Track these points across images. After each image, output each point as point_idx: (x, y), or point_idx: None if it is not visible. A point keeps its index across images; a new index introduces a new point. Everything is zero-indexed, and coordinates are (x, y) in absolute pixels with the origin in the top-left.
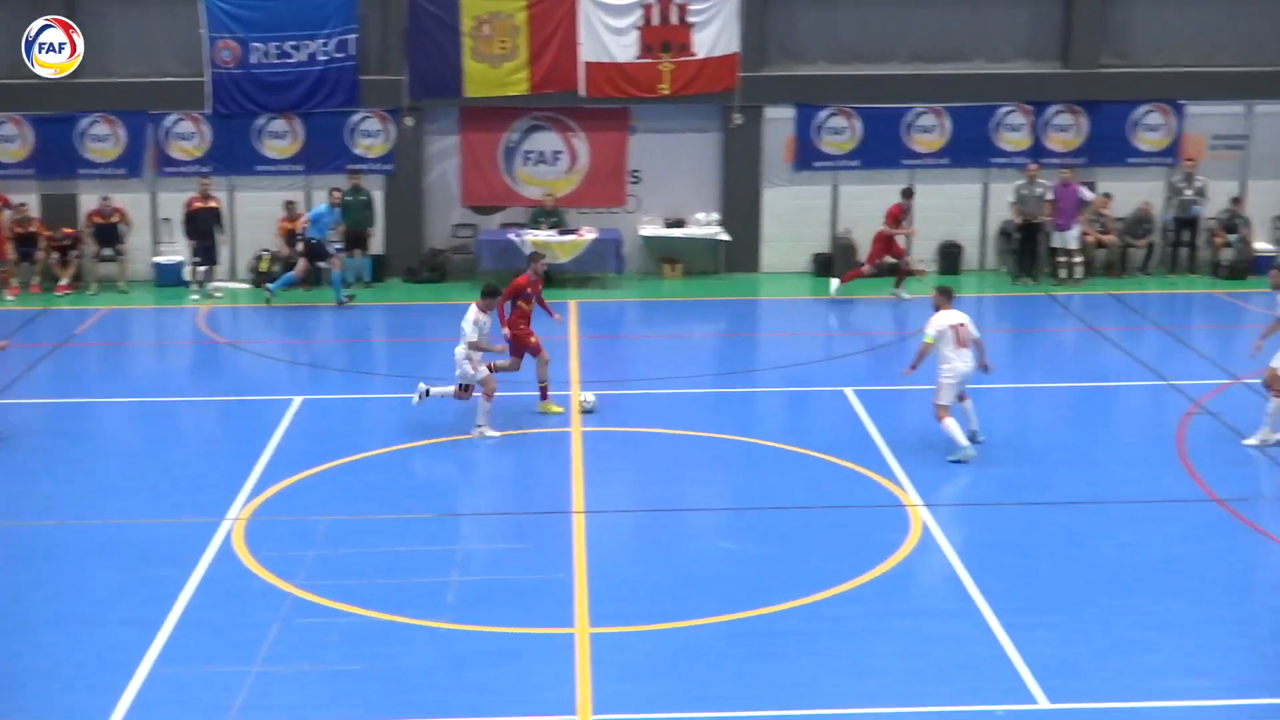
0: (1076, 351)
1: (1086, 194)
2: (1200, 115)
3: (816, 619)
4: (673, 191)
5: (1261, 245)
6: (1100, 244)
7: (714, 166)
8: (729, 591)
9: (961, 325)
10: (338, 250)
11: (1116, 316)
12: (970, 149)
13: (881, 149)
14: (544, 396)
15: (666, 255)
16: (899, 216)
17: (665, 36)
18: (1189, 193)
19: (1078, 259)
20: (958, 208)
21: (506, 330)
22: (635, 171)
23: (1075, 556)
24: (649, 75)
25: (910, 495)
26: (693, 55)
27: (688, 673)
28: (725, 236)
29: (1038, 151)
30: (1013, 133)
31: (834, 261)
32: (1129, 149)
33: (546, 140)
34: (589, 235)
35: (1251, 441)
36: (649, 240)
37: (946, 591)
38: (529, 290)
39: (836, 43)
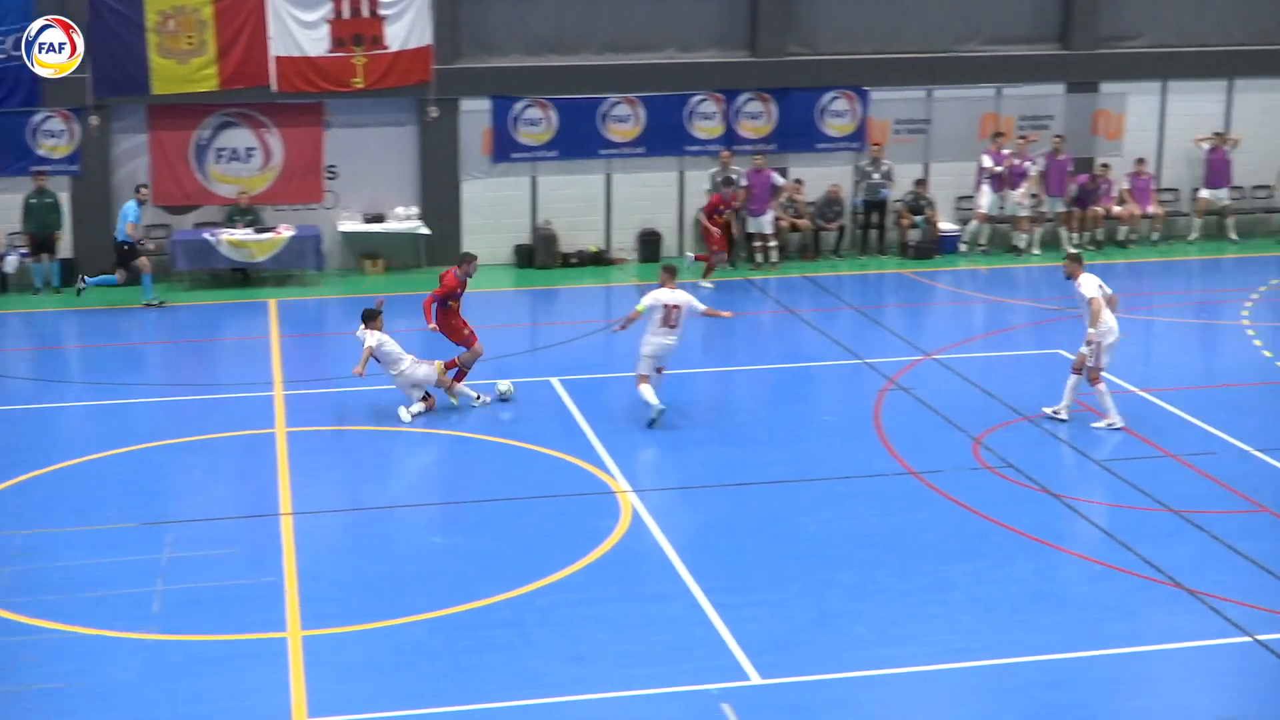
0: (775, 334)
1: (779, 180)
2: (883, 101)
3: (531, 609)
4: (371, 186)
5: (946, 225)
6: (794, 228)
7: (412, 160)
8: (442, 586)
9: (675, 307)
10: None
11: (812, 298)
12: (665, 137)
13: (578, 139)
14: (458, 379)
15: (367, 251)
16: (718, 206)
17: (357, 29)
18: (876, 176)
19: (773, 243)
20: (655, 196)
21: (434, 327)
22: (331, 167)
23: (781, 534)
24: (342, 69)
25: (619, 482)
26: (385, 48)
27: (405, 670)
28: (426, 230)
29: (730, 139)
30: (706, 121)
31: (535, 252)
32: (818, 135)
33: (239, 137)
34: (286, 233)
35: (1049, 410)
36: (349, 236)
37: (658, 575)
38: (459, 290)
39: (530, 34)
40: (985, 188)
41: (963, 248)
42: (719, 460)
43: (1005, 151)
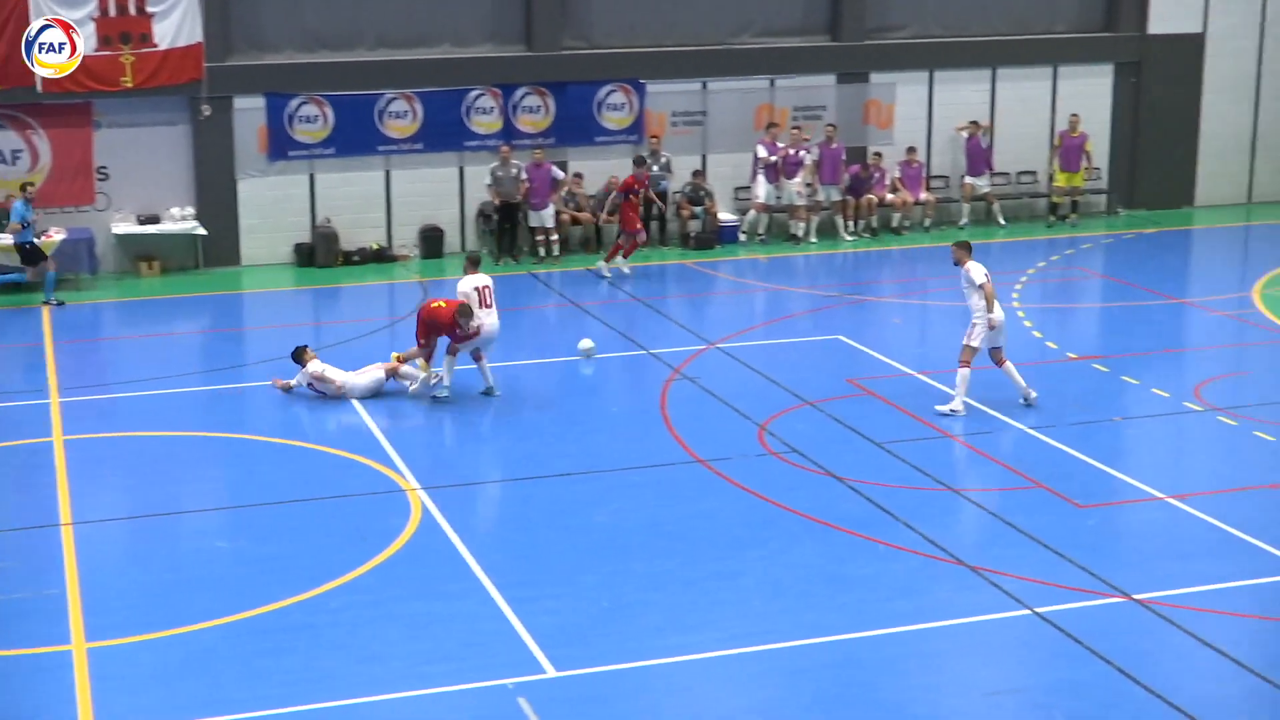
0: (560, 326)
1: (559, 173)
2: (660, 93)
3: (322, 611)
4: (145, 187)
5: (725, 215)
6: (575, 221)
7: (186, 160)
8: (231, 592)
9: (486, 287)
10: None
11: (594, 290)
12: (443, 133)
13: (356, 136)
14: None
15: (142, 253)
16: (633, 187)
17: (124, 28)
18: (655, 169)
19: (555, 237)
20: (436, 192)
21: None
22: (103, 168)
23: (572, 526)
24: (110, 68)
25: (408, 479)
26: (155, 46)
27: (195, 677)
28: (202, 231)
29: (509, 133)
30: (484, 116)
31: (315, 251)
32: (596, 128)
33: (4, 139)
34: (58, 236)
35: (943, 409)
36: (122, 238)
37: (450, 572)
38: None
39: (303, 30)
40: (760, 178)
41: (742, 237)
42: (508, 454)
43: (780, 143)
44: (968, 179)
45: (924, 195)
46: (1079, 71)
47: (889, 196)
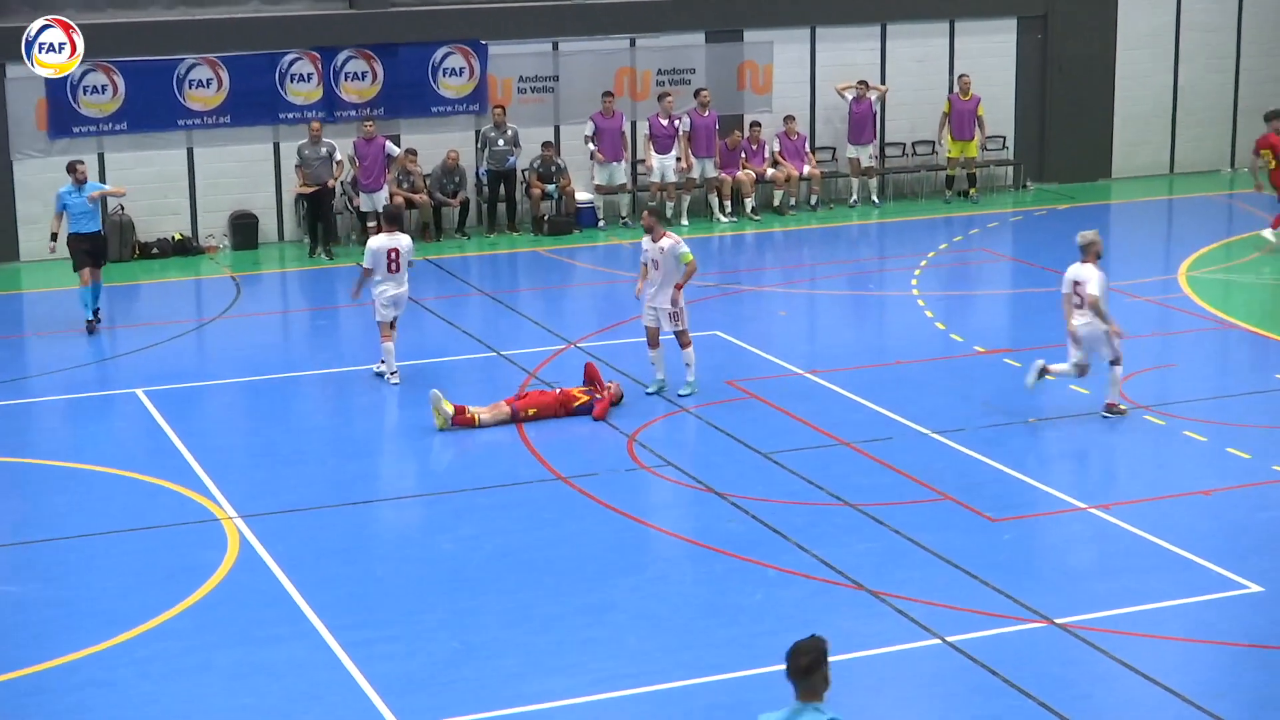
0: (406, 328)
1: (393, 149)
2: (504, 56)
3: (126, 663)
4: None
5: (584, 195)
6: (410, 204)
7: None
8: (14, 645)
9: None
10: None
11: (437, 285)
12: (254, 104)
13: (151, 108)
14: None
15: None
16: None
17: None
18: (501, 143)
19: None
20: (247, 172)
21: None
22: None
23: (414, 557)
24: None
25: (224, 507)
26: None
27: None
28: None
29: (331, 104)
30: (301, 84)
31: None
32: (432, 96)
33: None
34: None
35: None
36: None
37: (275, 613)
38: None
39: None
40: (593, 153)
41: (602, 222)
42: (338, 475)
43: (608, 114)
44: (850, 150)
45: (808, 169)
46: (979, 27)
47: (769, 172)
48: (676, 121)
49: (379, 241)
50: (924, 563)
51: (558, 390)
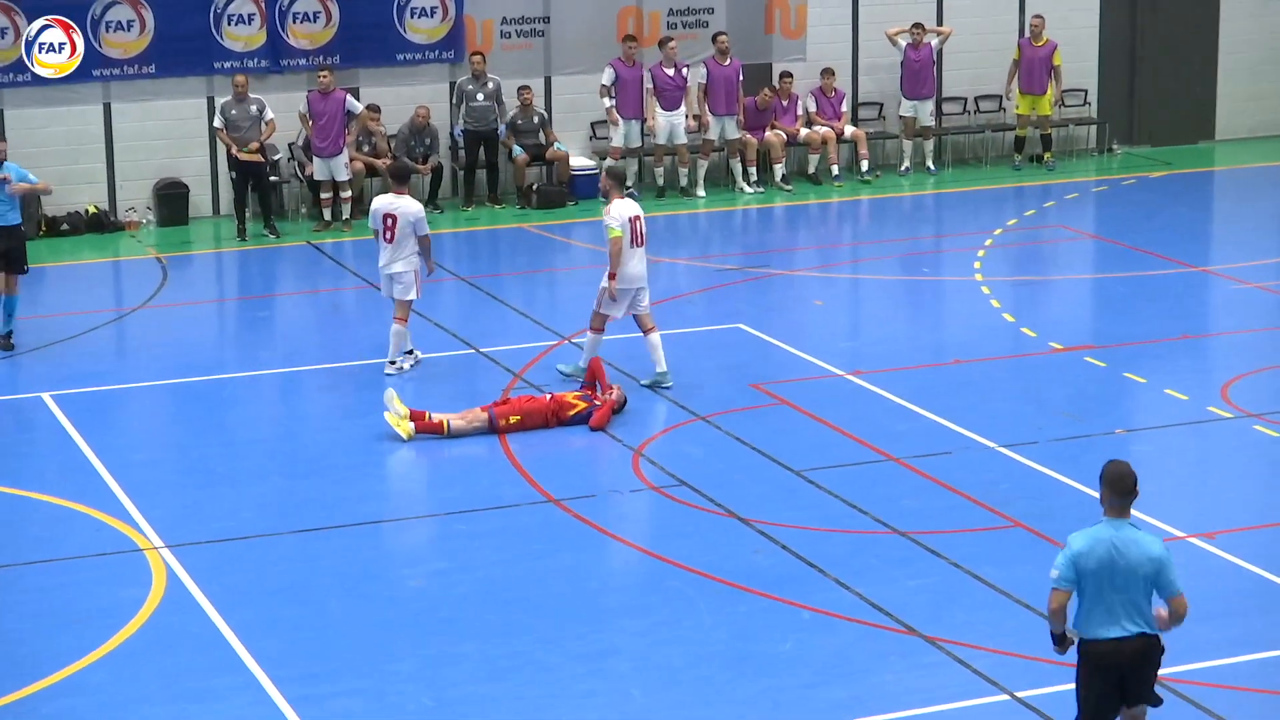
0: (357, 321)
1: (355, 105)
2: None
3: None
4: None
5: (580, 162)
6: (372, 170)
7: None
8: None
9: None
10: None
11: None
12: (184, 51)
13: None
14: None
15: None
16: None
17: None
18: (481, 98)
19: (346, 194)
20: (176, 133)
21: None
22: None
23: (376, 595)
24: None
25: (148, 535)
26: None
27: None
28: None
29: (276, 50)
30: (241, 27)
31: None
32: (397, 41)
33: None
34: None
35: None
36: None
37: (209, 661)
38: None
39: None
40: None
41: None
42: (285, 497)
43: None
44: (905, 107)
45: (849, 130)
46: None
47: (802, 133)
48: (685, 70)
49: (379, 202)
50: (989, 603)
51: (548, 396)
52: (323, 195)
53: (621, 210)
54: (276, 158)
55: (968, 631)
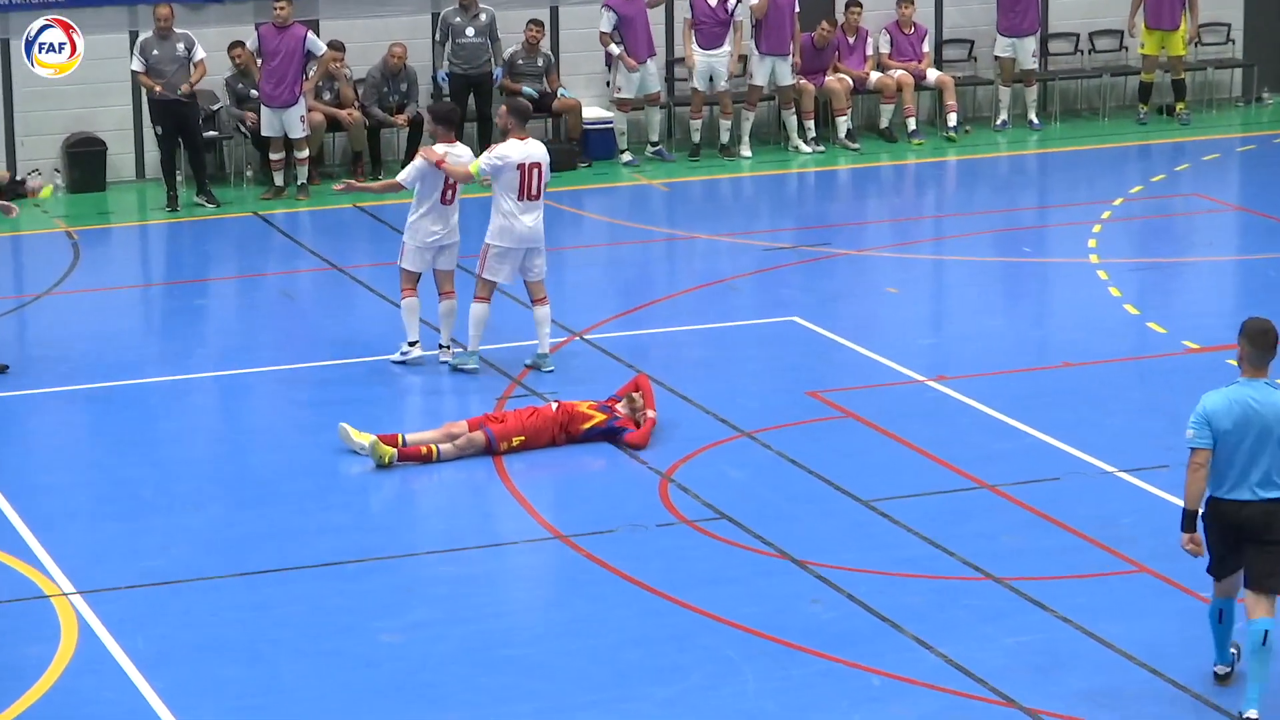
0: (316, 312)
1: (317, 44)
2: None
3: None
4: None
5: (594, 113)
6: (335, 125)
7: None
8: None
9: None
10: None
11: (373, 246)
12: None
13: None
14: None
15: None
16: None
17: None
18: (471, 32)
19: (304, 153)
20: (91, 77)
21: None
22: None
23: (343, 652)
24: None
25: (57, 579)
26: None
27: None
28: None
29: None
30: None
31: None
32: None
33: None
34: None
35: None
36: None
37: None
38: None
39: None
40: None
41: (627, 154)
42: (226, 531)
43: None
44: (1001, 45)
45: (932, 75)
46: None
47: (872, 78)
48: (731, 1)
49: (515, 149)
50: (1106, 665)
51: (554, 404)
52: (273, 155)
53: (510, 151)
54: (216, 108)
55: (1081, 702)
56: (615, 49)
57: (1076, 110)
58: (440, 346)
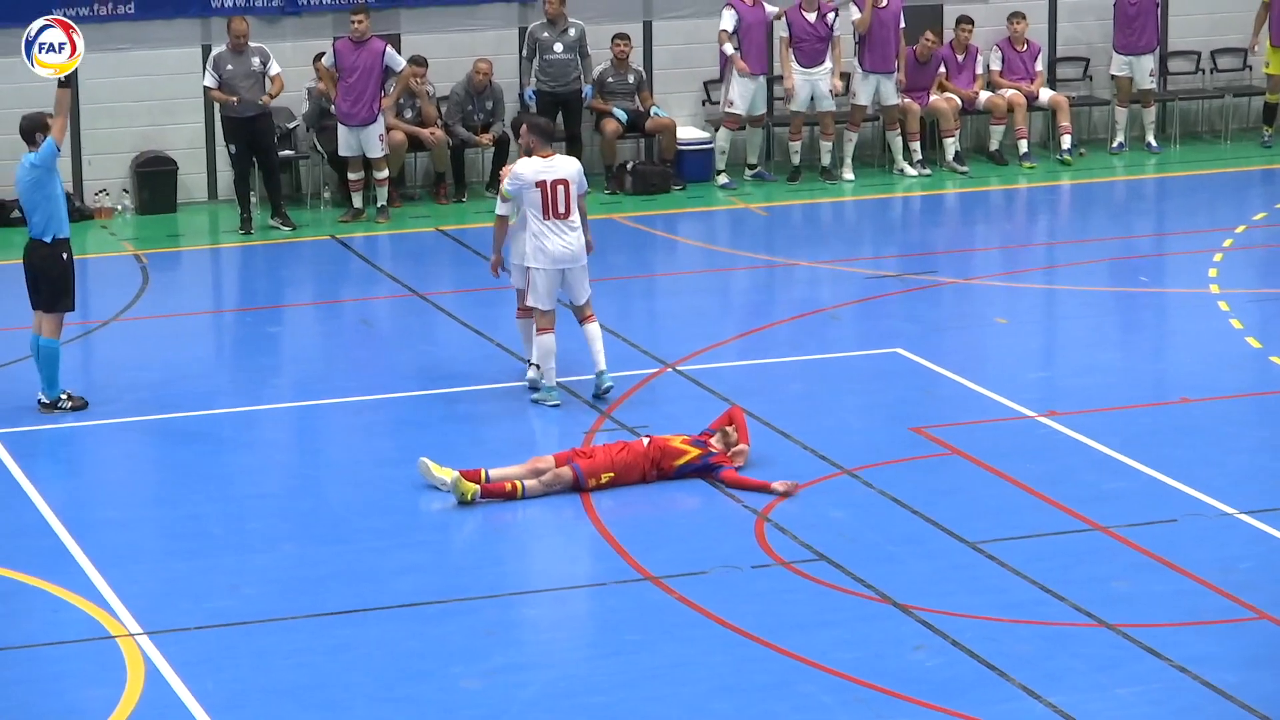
0: (395, 341)
1: (397, 60)
2: None
3: None
4: None
5: (689, 133)
6: (416, 145)
7: None
8: None
9: (564, 181)
10: None
11: (456, 270)
12: None
13: None
14: None
15: None
16: None
17: None
18: (559, 48)
19: (384, 173)
20: (161, 93)
21: None
22: None
23: (419, 699)
24: None
25: (123, 619)
26: None
27: None
28: None
29: None
30: None
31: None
32: None
33: None
34: None
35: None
36: None
37: None
38: None
39: None
40: (735, 75)
41: (724, 176)
42: (300, 570)
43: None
44: (1118, 64)
45: (1045, 95)
46: None
47: (982, 97)
48: (831, 15)
49: (530, 167)
50: (1223, 717)
51: (645, 439)
52: (351, 176)
53: (524, 169)
54: (292, 126)
55: None
56: (730, 48)
57: (1197, 132)
58: (528, 363)
